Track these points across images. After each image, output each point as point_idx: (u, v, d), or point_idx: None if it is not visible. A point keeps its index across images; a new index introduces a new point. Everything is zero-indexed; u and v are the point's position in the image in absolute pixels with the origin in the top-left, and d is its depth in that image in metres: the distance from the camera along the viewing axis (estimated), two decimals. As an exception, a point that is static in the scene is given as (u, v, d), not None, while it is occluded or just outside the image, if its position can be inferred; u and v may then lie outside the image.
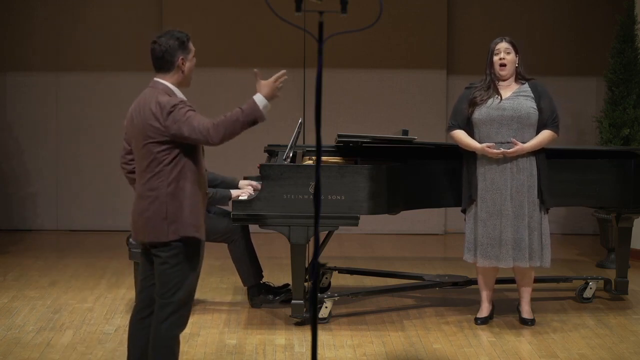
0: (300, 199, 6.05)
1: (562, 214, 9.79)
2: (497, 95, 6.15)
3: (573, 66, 9.84)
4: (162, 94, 4.38)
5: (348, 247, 9.12)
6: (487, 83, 6.20)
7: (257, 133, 9.48)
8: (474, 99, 6.16)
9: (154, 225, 4.35)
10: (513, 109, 6.09)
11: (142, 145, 4.37)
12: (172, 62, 4.44)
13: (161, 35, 4.48)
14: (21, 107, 9.81)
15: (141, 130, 4.36)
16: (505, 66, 6.16)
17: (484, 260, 6.15)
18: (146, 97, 4.42)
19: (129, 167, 4.59)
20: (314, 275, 3.35)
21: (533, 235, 6.10)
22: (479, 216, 6.16)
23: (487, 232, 6.13)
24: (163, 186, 4.34)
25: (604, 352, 5.71)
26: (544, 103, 6.15)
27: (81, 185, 9.87)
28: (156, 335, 4.41)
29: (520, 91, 6.17)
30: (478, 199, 6.17)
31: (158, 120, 4.29)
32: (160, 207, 4.33)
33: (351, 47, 9.60)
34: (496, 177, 6.11)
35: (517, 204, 6.08)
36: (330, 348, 5.76)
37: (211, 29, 9.69)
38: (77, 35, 9.79)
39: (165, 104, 4.31)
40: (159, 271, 4.41)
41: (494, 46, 6.21)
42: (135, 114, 4.42)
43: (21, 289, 7.17)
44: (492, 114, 6.10)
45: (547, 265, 6.20)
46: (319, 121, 3.24)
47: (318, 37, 3.22)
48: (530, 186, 6.11)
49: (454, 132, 6.24)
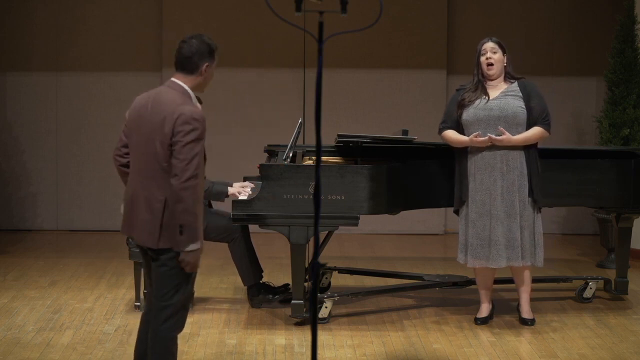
0: (300, 199, 6.05)
1: (562, 214, 9.79)
2: (485, 95, 6.16)
3: (573, 66, 9.84)
4: (183, 101, 4.31)
5: (348, 247, 9.12)
6: (474, 84, 6.21)
7: (257, 133, 9.52)
8: (462, 101, 6.19)
9: (152, 230, 4.30)
10: (500, 108, 6.10)
11: (152, 145, 4.30)
12: (197, 65, 4.40)
13: (192, 37, 4.45)
14: (21, 107, 9.81)
15: (154, 130, 4.29)
16: (493, 65, 6.17)
17: (474, 261, 6.16)
18: (165, 98, 4.34)
19: (122, 160, 4.51)
20: (313, 275, 3.35)
21: (524, 234, 6.10)
22: (469, 217, 6.18)
23: (476, 233, 6.14)
24: (167, 192, 4.27)
25: (603, 352, 5.71)
26: (533, 102, 6.14)
27: (81, 185, 9.87)
28: (155, 337, 4.39)
29: (508, 91, 6.17)
30: (468, 199, 6.18)
31: (172, 128, 4.22)
32: (163, 213, 4.28)
33: (351, 47, 9.60)
34: (485, 177, 6.12)
35: (508, 204, 6.08)
36: (330, 348, 5.76)
37: (211, 29, 9.69)
38: (77, 35, 9.79)
39: (188, 119, 4.21)
40: (156, 273, 4.39)
41: (480, 47, 6.22)
42: (149, 112, 4.34)
43: (21, 289, 7.17)
44: (479, 115, 6.11)
45: (540, 265, 6.19)
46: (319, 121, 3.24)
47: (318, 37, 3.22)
48: (521, 185, 6.11)
49: (444, 133, 6.26)
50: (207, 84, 4.50)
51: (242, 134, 9.65)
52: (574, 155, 6.78)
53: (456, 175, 6.30)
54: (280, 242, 7.61)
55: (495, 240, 6.08)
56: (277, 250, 8.44)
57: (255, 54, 9.69)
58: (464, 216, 6.23)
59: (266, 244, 8.31)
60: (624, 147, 8.12)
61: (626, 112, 8.32)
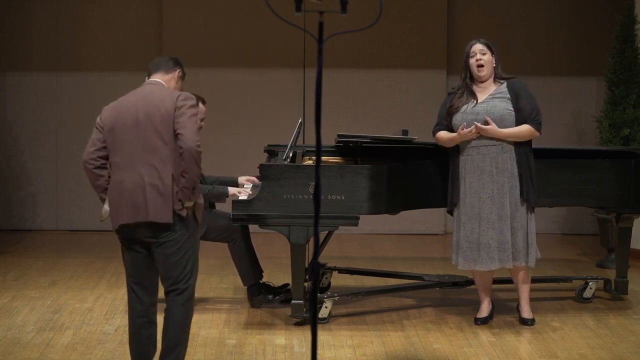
0: (300, 199, 6.05)
1: (563, 214, 9.80)
2: (473, 98, 6.14)
3: (573, 66, 9.85)
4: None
5: (348, 247, 9.12)
6: (462, 87, 6.19)
7: (257, 133, 9.53)
8: (450, 109, 6.17)
9: (166, 205, 4.58)
10: (487, 112, 6.07)
11: (150, 129, 4.62)
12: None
13: None
14: (21, 107, 9.81)
15: (149, 114, 4.65)
16: (483, 67, 6.14)
17: (464, 263, 6.17)
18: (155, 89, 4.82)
19: (96, 164, 4.80)
20: (313, 275, 3.35)
21: (517, 235, 6.09)
22: (460, 219, 6.18)
23: (466, 235, 6.14)
24: (173, 166, 4.59)
25: (603, 352, 5.71)
26: (522, 102, 6.10)
27: (81, 185, 9.86)
28: (175, 322, 4.72)
29: (496, 93, 6.15)
30: (460, 202, 6.18)
31: (174, 104, 4.62)
32: (173, 186, 4.58)
33: (351, 47, 9.61)
34: (474, 180, 6.11)
35: (499, 206, 6.07)
36: (330, 348, 5.76)
37: (211, 29, 9.70)
38: (77, 35, 9.79)
39: (188, 96, 4.67)
40: (165, 258, 4.67)
41: (469, 49, 6.19)
42: (141, 104, 4.71)
43: (21, 289, 7.17)
44: (467, 118, 6.10)
45: (532, 265, 6.18)
46: (319, 121, 3.23)
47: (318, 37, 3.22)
48: (512, 187, 6.09)
49: (437, 135, 6.25)
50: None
51: (242, 134, 9.65)
52: (574, 155, 6.78)
53: (449, 178, 6.29)
54: (280, 242, 7.61)
55: (485, 243, 6.07)
56: (277, 250, 8.44)
57: (255, 54, 9.69)
58: (457, 218, 6.24)
59: (266, 244, 8.31)
60: (624, 147, 8.12)
61: (626, 112, 8.32)
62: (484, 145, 6.07)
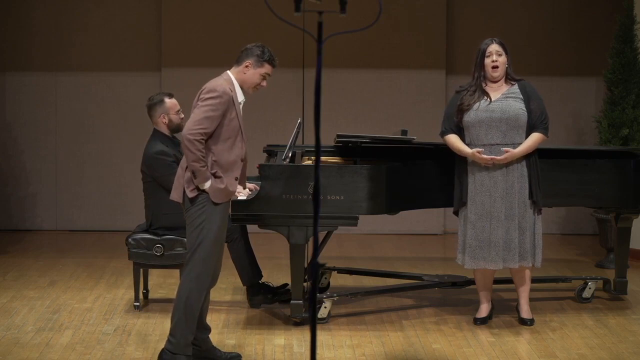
0: (300, 199, 6.05)
1: (562, 214, 9.79)
2: (486, 97, 6.15)
3: (573, 66, 9.84)
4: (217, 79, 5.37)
5: (347, 247, 9.12)
6: (474, 86, 6.19)
7: (257, 133, 9.52)
8: (461, 106, 6.17)
9: (178, 188, 5.32)
10: (502, 110, 6.09)
11: None
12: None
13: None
14: (21, 107, 9.81)
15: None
16: (498, 68, 6.16)
17: (472, 262, 6.16)
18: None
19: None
20: (313, 276, 3.35)
21: (524, 235, 6.11)
22: (468, 218, 6.18)
23: (475, 235, 6.14)
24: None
25: (603, 352, 5.72)
26: (533, 104, 6.14)
27: (81, 185, 9.87)
28: (178, 289, 5.34)
29: (509, 93, 6.16)
30: (468, 201, 6.18)
31: (198, 97, 5.25)
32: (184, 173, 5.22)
33: (351, 47, 9.61)
34: (485, 179, 6.12)
35: (507, 205, 6.08)
36: (329, 348, 5.76)
37: (210, 29, 9.69)
38: (77, 35, 9.79)
39: (209, 90, 5.23)
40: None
41: (485, 47, 6.19)
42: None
43: (20, 289, 7.17)
44: (480, 116, 6.10)
45: (538, 265, 6.21)
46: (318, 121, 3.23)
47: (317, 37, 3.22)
48: (521, 187, 6.11)
49: (447, 137, 6.25)
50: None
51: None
52: (574, 155, 6.78)
53: (455, 176, 6.30)
54: (279, 242, 7.61)
55: (495, 242, 6.08)
56: (276, 250, 8.44)
57: (254, 54, 9.67)
58: (464, 217, 6.23)
59: (265, 244, 8.31)
60: (623, 147, 8.12)
61: (625, 112, 8.32)
62: (496, 144, 6.07)
